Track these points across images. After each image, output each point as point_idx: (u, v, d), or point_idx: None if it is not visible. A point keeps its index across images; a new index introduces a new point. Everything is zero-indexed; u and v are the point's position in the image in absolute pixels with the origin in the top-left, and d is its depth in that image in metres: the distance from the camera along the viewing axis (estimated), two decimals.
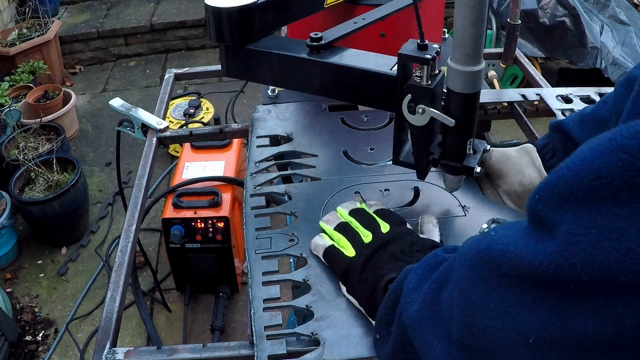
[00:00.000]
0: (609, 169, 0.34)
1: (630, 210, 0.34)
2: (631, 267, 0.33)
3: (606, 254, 0.34)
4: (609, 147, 0.34)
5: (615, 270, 0.34)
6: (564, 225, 0.36)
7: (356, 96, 0.86)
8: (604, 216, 0.35)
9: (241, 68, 0.92)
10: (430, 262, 0.58)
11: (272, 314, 0.74)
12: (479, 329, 0.44)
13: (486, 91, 1.21)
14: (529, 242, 0.39)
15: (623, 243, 0.34)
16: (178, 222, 2.00)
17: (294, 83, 0.90)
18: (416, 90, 0.72)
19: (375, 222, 0.77)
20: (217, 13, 0.85)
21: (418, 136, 0.77)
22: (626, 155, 0.33)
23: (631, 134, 0.33)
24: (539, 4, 3.04)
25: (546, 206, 0.38)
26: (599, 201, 0.35)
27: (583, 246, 0.35)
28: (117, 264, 0.89)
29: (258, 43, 0.89)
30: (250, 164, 1.00)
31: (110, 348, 0.76)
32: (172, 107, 3.02)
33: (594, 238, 0.35)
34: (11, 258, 2.54)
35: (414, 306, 0.55)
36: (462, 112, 0.72)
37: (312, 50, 0.85)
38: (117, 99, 1.27)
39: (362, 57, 0.83)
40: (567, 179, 0.36)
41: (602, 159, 0.34)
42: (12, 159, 2.51)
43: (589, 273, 0.35)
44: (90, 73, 4.02)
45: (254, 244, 0.83)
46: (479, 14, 0.64)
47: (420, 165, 0.80)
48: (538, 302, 0.39)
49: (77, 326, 2.26)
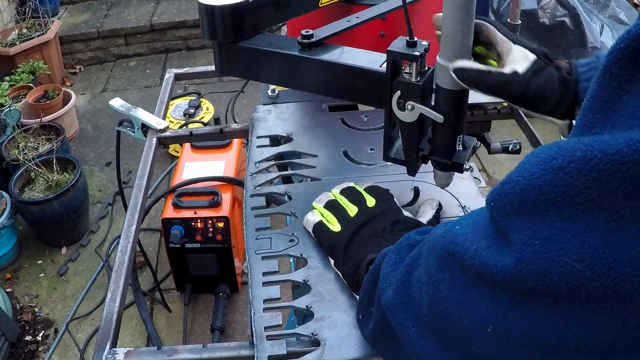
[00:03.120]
0: (551, 187, 0.36)
1: (570, 225, 0.35)
2: (569, 279, 0.35)
3: (547, 264, 0.36)
4: (551, 166, 0.36)
5: (557, 280, 0.36)
6: (514, 234, 0.38)
7: (346, 93, 0.87)
8: (546, 229, 0.37)
9: (234, 66, 0.94)
10: (404, 244, 0.60)
11: (272, 315, 0.74)
12: (444, 315, 0.47)
13: None
14: (489, 243, 0.41)
15: (562, 256, 0.35)
16: (178, 222, 2.00)
17: (287, 80, 0.92)
18: (405, 86, 0.72)
19: (362, 197, 0.79)
20: (209, 10, 0.87)
21: (407, 132, 0.77)
22: (567, 176, 0.35)
23: (570, 158, 0.35)
24: (539, 4, 3.04)
25: (499, 214, 0.40)
26: (543, 214, 0.37)
27: (528, 256, 0.37)
28: (117, 264, 0.89)
29: (251, 40, 0.90)
30: (250, 164, 1.00)
31: (110, 348, 0.76)
32: (172, 107, 3.02)
33: (537, 249, 0.37)
34: (11, 258, 2.54)
35: (390, 290, 0.57)
36: (450, 108, 0.72)
37: (303, 47, 0.87)
38: (117, 99, 1.27)
39: (353, 54, 0.85)
40: (515, 191, 0.38)
41: (546, 178, 0.36)
42: (12, 159, 2.51)
43: (535, 280, 0.37)
44: (90, 73, 4.02)
45: (254, 244, 0.83)
46: (466, 13, 0.64)
47: (410, 161, 0.80)
48: (495, 299, 0.41)
49: (77, 326, 2.26)
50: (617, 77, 0.35)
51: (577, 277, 0.35)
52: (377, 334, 0.61)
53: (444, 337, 0.48)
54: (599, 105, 0.37)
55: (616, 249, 0.34)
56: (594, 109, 0.37)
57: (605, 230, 0.34)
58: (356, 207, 0.78)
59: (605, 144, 0.33)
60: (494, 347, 0.43)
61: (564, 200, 0.35)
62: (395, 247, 0.61)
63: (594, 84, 0.37)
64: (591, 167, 0.34)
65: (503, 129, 2.77)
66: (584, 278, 0.35)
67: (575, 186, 0.35)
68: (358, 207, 0.78)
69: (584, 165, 0.34)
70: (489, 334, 0.42)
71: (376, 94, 0.80)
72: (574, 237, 0.35)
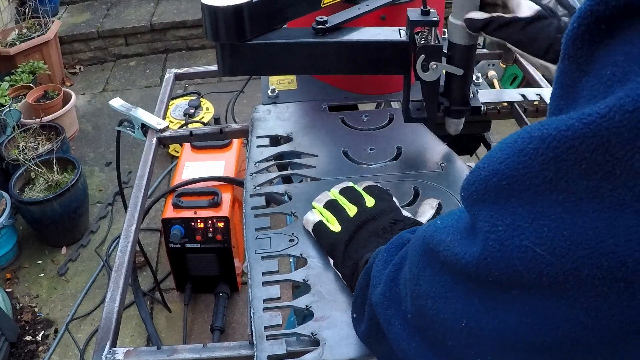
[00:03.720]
0: (512, 170, 0.35)
1: (530, 209, 0.35)
2: (530, 264, 0.35)
3: (510, 250, 0.36)
4: (512, 149, 0.35)
5: (519, 266, 0.35)
6: (480, 222, 0.38)
7: (370, 67, 0.96)
8: (508, 214, 0.36)
9: (240, 65, 0.95)
10: (396, 243, 0.60)
11: (272, 314, 0.74)
12: (424, 311, 0.47)
13: (486, 91, 1.21)
14: (462, 235, 0.41)
15: (523, 241, 0.35)
16: (178, 222, 2.00)
17: (306, 67, 0.99)
18: (429, 49, 0.84)
19: (361, 197, 0.79)
20: (212, 11, 0.87)
21: (431, 90, 0.89)
22: (525, 157, 0.34)
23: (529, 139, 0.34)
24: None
25: (467, 203, 0.40)
26: (506, 200, 0.36)
27: (492, 243, 0.37)
28: (117, 264, 0.89)
29: (260, 37, 0.92)
30: (250, 164, 1.00)
31: (110, 348, 0.76)
32: (172, 107, 3.02)
33: (499, 235, 0.36)
34: (11, 258, 2.54)
35: (379, 288, 0.57)
36: (465, 61, 0.85)
37: (317, 32, 0.93)
38: (117, 99, 1.27)
39: (368, 31, 0.95)
40: (481, 177, 0.38)
41: (508, 162, 0.36)
42: (12, 159, 2.51)
43: (500, 269, 0.36)
44: (90, 73, 4.02)
45: (253, 244, 0.83)
46: None
47: (432, 116, 0.92)
48: (469, 293, 0.41)
49: (77, 326, 2.26)
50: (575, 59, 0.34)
51: (538, 262, 0.34)
52: (370, 333, 0.61)
53: (427, 334, 0.48)
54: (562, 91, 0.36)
55: (574, 230, 0.33)
56: (559, 96, 0.36)
57: (563, 212, 0.33)
58: (355, 207, 0.78)
59: (560, 121, 0.33)
60: (469, 344, 0.42)
61: (524, 183, 0.35)
62: (387, 245, 0.61)
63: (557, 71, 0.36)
64: (546, 145, 0.33)
65: (503, 129, 2.77)
66: (544, 263, 0.34)
67: (534, 167, 0.34)
68: (357, 207, 0.78)
69: (540, 144, 0.33)
70: (463, 329, 0.42)
71: (398, 62, 0.92)
72: (534, 221, 0.34)
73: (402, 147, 1.01)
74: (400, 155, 1.00)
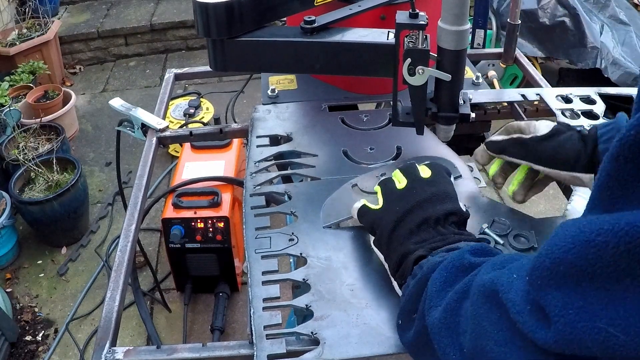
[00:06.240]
0: (581, 260, 0.38)
1: (602, 293, 0.37)
2: (604, 344, 0.37)
3: (582, 332, 0.38)
4: (579, 239, 0.38)
5: (592, 348, 0.37)
6: (548, 307, 0.41)
7: (353, 68, 0.95)
8: (579, 298, 0.38)
9: (231, 61, 0.96)
10: (457, 264, 0.58)
11: (271, 314, 0.74)
12: (483, 351, 0.48)
13: (486, 91, 1.21)
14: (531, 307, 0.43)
15: (596, 322, 0.37)
16: (178, 222, 2.00)
17: (293, 66, 0.99)
18: (415, 53, 0.81)
19: (415, 169, 0.74)
20: (204, 8, 0.89)
21: (417, 95, 0.86)
22: (595, 249, 0.37)
23: (597, 231, 0.37)
24: (539, 4, 3.04)
25: (533, 288, 0.43)
26: (575, 285, 0.39)
27: (562, 327, 0.39)
28: (117, 264, 0.89)
29: (250, 34, 0.93)
30: (250, 164, 1.00)
31: (110, 348, 0.76)
32: (172, 107, 3.02)
33: (571, 318, 0.39)
34: (11, 258, 2.54)
35: (437, 312, 0.56)
36: (454, 66, 0.82)
37: (305, 32, 0.92)
38: (117, 99, 1.27)
39: (355, 32, 0.94)
40: (546, 265, 0.41)
41: (575, 251, 0.38)
42: (12, 159, 2.51)
43: (572, 349, 0.39)
44: (90, 73, 4.02)
45: (253, 244, 0.83)
46: None
47: (419, 121, 0.90)
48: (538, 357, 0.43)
49: (77, 326, 2.26)
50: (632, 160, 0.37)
51: (612, 342, 0.36)
52: (417, 346, 0.62)
53: None
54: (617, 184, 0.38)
55: None
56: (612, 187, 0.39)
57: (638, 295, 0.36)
58: (406, 179, 0.73)
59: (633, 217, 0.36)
60: None
61: (594, 272, 0.37)
62: (447, 264, 0.59)
63: (607, 164, 0.39)
64: (618, 239, 0.36)
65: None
66: (618, 343, 0.36)
67: (605, 258, 0.37)
68: (408, 179, 0.73)
69: (611, 237, 0.36)
70: None
71: (384, 65, 0.90)
72: (608, 303, 0.37)
73: (402, 147, 1.01)
74: (400, 155, 1.00)
